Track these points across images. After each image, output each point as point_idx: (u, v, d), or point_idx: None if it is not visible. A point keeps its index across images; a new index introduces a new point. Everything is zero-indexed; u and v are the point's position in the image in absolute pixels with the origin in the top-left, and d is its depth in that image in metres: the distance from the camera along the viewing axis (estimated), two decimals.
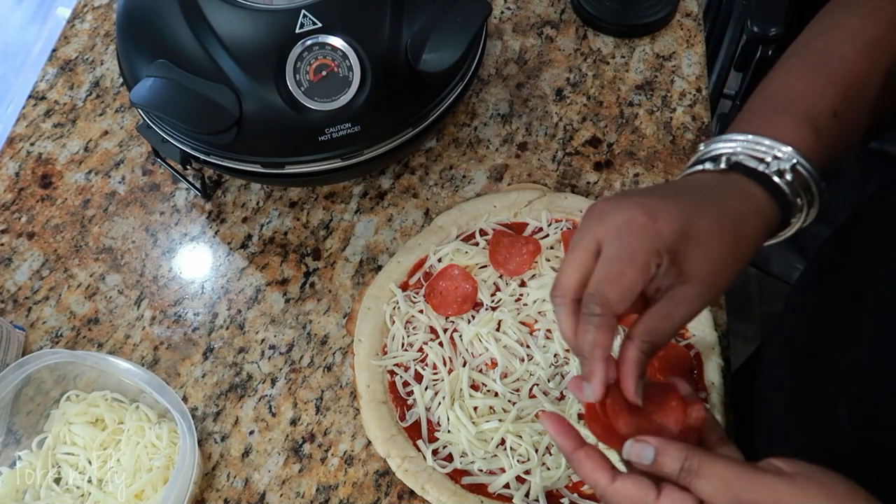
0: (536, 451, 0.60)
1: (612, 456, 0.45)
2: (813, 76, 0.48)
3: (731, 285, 0.45)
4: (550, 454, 0.60)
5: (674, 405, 0.44)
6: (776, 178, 0.45)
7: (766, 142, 0.45)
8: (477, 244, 0.70)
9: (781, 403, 0.58)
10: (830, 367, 0.51)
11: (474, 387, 0.63)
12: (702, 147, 0.48)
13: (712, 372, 0.63)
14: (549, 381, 0.63)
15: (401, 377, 0.64)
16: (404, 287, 0.68)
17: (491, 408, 0.62)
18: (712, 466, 0.39)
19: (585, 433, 0.48)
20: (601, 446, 0.44)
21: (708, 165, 0.46)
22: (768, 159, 0.45)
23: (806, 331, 0.56)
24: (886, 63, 0.48)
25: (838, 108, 0.47)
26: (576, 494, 0.59)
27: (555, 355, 0.64)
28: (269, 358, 0.68)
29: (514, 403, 0.62)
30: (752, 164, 0.45)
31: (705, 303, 0.44)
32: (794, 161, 0.45)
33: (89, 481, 0.61)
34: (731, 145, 0.46)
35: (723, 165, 0.45)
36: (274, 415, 0.65)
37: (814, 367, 0.53)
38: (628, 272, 0.42)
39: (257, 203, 0.76)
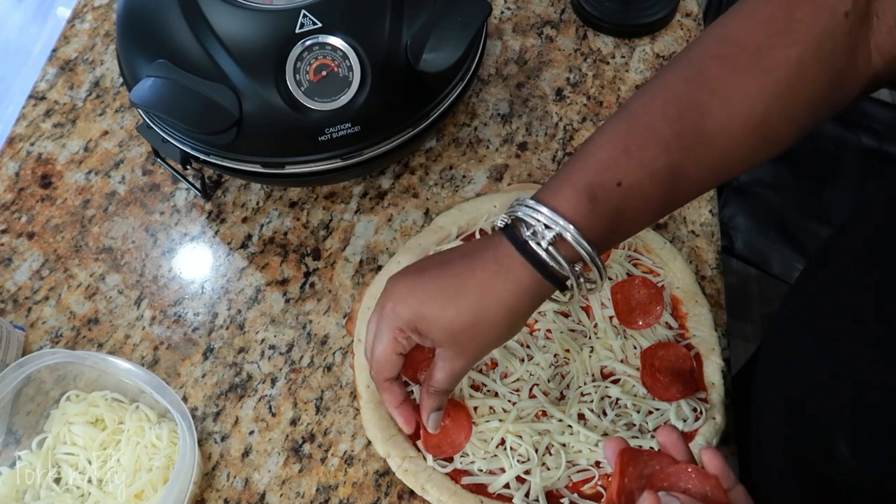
0: (536, 451, 0.60)
1: None
2: (613, 143, 0.48)
3: (502, 342, 0.51)
4: (550, 454, 0.60)
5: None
6: (534, 246, 0.46)
7: (544, 210, 0.46)
8: None
9: (779, 436, 0.57)
10: (827, 397, 0.51)
11: (474, 387, 0.63)
12: (513, 201, 0.50)
13: (712, 372, 0.63)
14: (549, 382, 0.63)
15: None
16: None
17: (491, 408, 0.62)
18: None
19: None
20: None
21: (499, 222, 0.50)
22: (538, 227, 0.46)
23: (803, 337, 0.56)
24: (701, 132, 0.47)
25: (625, 178, 0.46)
26: (576, 494, 0.59)
27: (555, 355, 0.64)
28: (269, 358, 0.68)
29: (514, 403, 0.62)
30: (521, 229, 0.47)
31: (465, 358, 0.51)
32: (557, 231, 0.46)
33: (89, 481, 0.61)
34: (520, 209, 0.48)
35: (500, 224, 0.49)
36: (274, 415, 0.65)
37: (811, 398, 0.53)
38: (380, 347, 0.53)
39: (257, 203, 0.76)
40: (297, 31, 0.61)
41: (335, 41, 0.61)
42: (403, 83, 0.64)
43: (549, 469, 0.60)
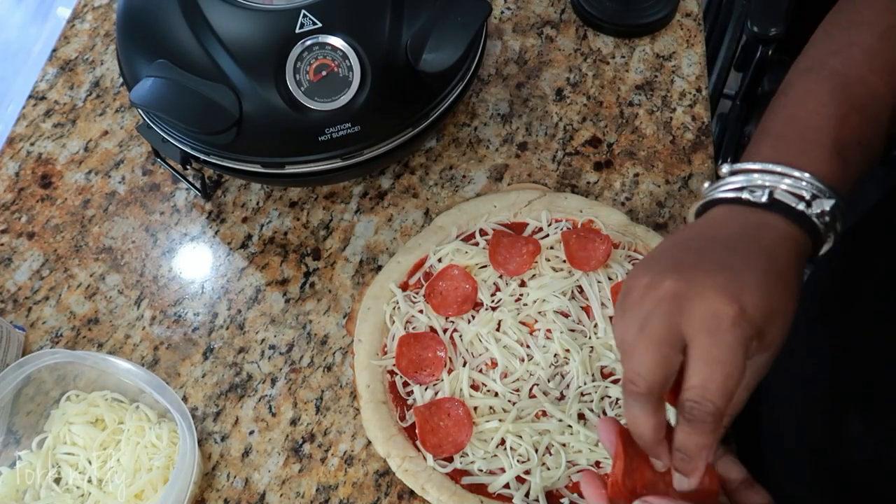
0: (536, 451, 0.60)
1: None
2: (836, 101, 0.46)
3: None
4: (550, 454, 0.60)
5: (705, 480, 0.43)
6: (815, 220, 0.43)
7: (806, 176, 0.43)
8: (477, 244, 0.70)
9: (791, 414, 0.57)
10: (840, 376, 0.50)
11: (474, 387, 0.63)
12: (725, 170, 0.45)
13: None
14: (549, 381, 0.63)
15: (401, 377, 0.64)
16: (404, 287, 0.68)
17: (491, 408, 0.62)
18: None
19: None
20: None
21: (746, 195, 0.43)
22: (807, 197, 0.43)
23: (814, 340, 0.56)
24: None
25: (863, 136, 0.45)
26: (576, 494, 0.59)
27: (555, 355, 0.64)
28: (269, 358, 0.68)
29: (514, 403, 0.62)
30: (793, 202, 0.43)
31: (771, 364, 0.43)
32: (834, 202, 0.43)
33: (89, 481, 0.61)
34: (765, 178, 0.43)
35: (764, 199, 0.43)
36: (274, 415, 0.65)
37: (822, 377, 0.53)
38: (733, 371, 0.39)
39: (257, 203, 0.76)
40: (297, 31, 0.61)
41: (335, 41, 0.61)
42: (403, 83, 0.64)
43: (549, 469, 0.60)
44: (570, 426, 0.61)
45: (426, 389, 0.63)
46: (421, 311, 0.67)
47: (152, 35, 0.64)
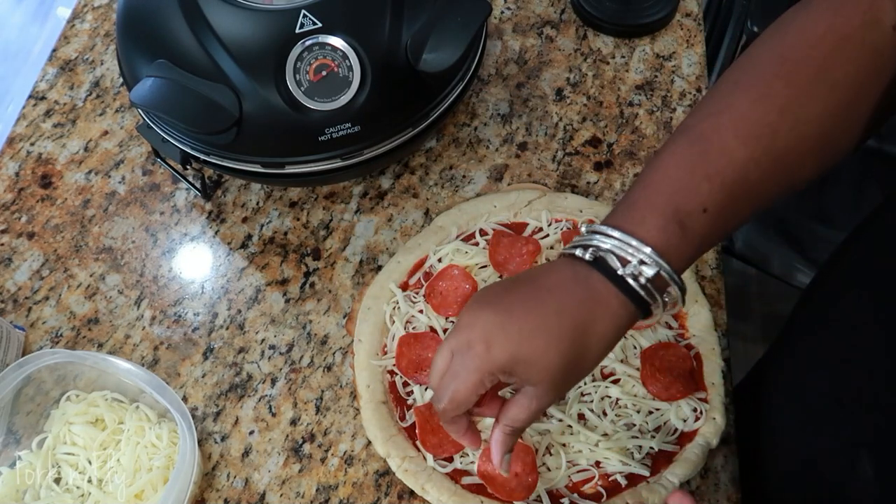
0: (536, 451, 0.60)
1: None
2: (690, 169, 0.47)
3: (582, 379, 0.50)
4: (550, 454, 0.60)
5: None
6: (632, 282, 0.46)
7: (634, 243, 0.46)
8: (477, 244, 0.70)
9: (794, 428, 0.57)
10: (848, 409, 0.50)
11: None
12: (583, 230, 0.49)
13: (712, 372, 0.63)
14: None
15: (401, 377, 0.64)
16: (404, 287, 0.68)
17: None
18: None
19: None
20: None
21: (578, 252, 0.47)
22: (633, 261, 0.46)
23: (818, 351, 0.56)
24: (774, 152, 0.47)
25: (710, 204, 0.46)
26: (576, 494, 0.59)
27: None
28: (269, 358, 0.68)
29: None
30: (615, 264, 0.46)
31: (556, 396, 0.48)
32: (657, 268, 0.45)
33: (89, 481, 0.61)
34: (606, 241, 0.47)
35: (587, 257, 0.47)
36: (274, 415, 0.65)
37: (830, 410, 0.52)
38: (461, 387, 0.47)
39: (257, 203, 0.76)
40: (297, 31, 0.61)
41: (335, 41, 0.61)
42: (403, 83, 0.64)
43: (549, 469, 0.60)
44: (570, 426, 0.61)
45: (426, 389, 0.63)
46: (421, 311, 0.67)
47: (152, 35, 0.64)
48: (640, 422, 0.61)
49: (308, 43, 0.61)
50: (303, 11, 0.61)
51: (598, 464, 0.60)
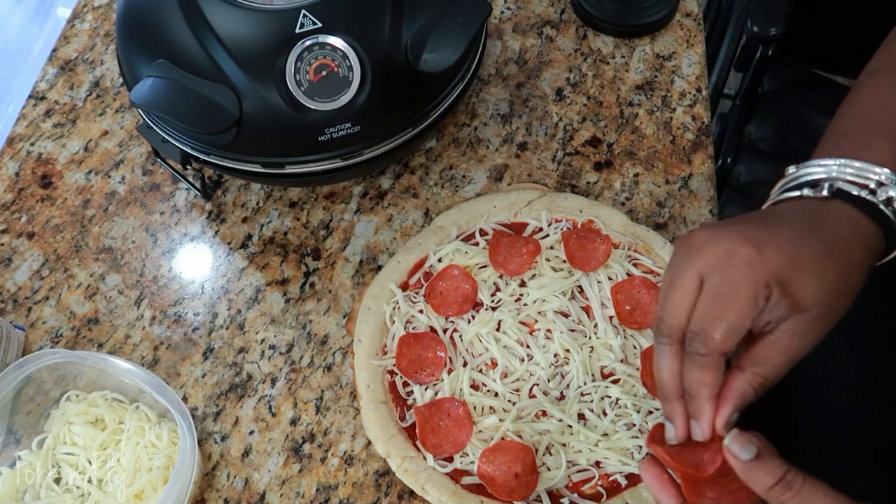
0: (536, 451, 0.60)
1: None
2: None
3: (840, 316, 0.42)
4: (550, 454, 0.60)
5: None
6: (882, 207, 0.42)
7: (866, 166, 0.42)
8: (477, 244, 0.70)
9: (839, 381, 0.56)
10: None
11: (474, 387, 0.63)
12: (791, 170, 0.45)
13: None
14: (549, 381, 0.63)
15: (401, 377, 0.64)
16: (404, 287, 0.68)
17: (491, 408, 0.62)
18: (813, 489, 0.38)
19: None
20: None
21: (807, 192, 0.43)
22: (872, 185, 0.42)
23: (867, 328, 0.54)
24: None
25: None
26: (576, 494, 0.59)
27: (555, 355, 0.64)
28: (269, 358, 0.68)
29: (514, 403, 0.62)
30: (856, 191, 0.42)
31: (821, 334, 0.41)
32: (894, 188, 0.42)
33: (89, 481, 0.61)
34: (828, 170, 0.43)
35: (825, 192, 0.42)
36: (274, 415, 0.65)
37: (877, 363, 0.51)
38: (734, 308, 0.39)
39: (257, 203, 0.76)
40: (297, 31, 0.61)
41: (335, 41, 0.61)
42: (403, 83, 0.64)
43: (549, 469, 0.60)
44: (570, 426, 0.61)
45: (426, 389, 0.63)
46: (421, 311, 0.67)
47: (152, 35, 0.64)
48: (640, 422, 0.61)
49: (308, 43, 0.61)
50: (303, 11, 0.61)
51: (598, 464, 0.60)
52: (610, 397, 0.63)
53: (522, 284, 0.68)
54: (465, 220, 0.72)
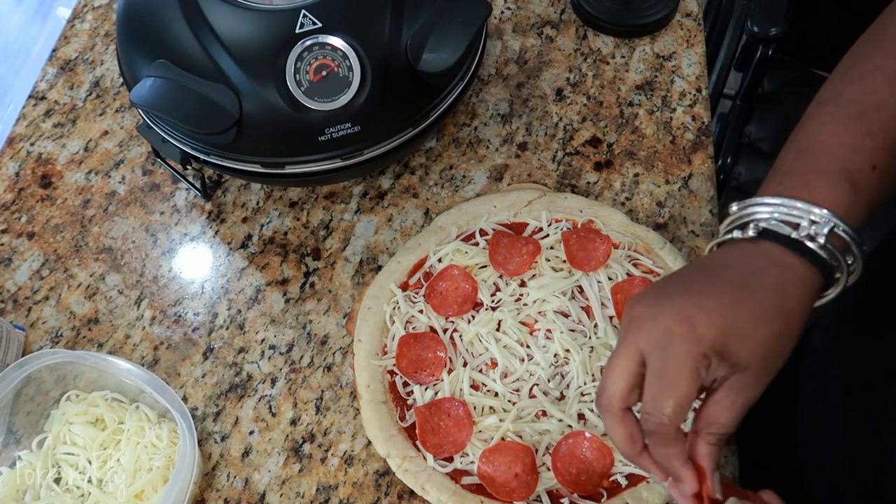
0: (536, 451, 0.60)
1: None
2: (850, 129, 0.45)
3: (782, 363, 0.44)
4: (550, 454, 0.60)
5: None
6: (810, 244, 0.43)
7: (800, 205, 0.43)
8: (477, 244, 0.70)
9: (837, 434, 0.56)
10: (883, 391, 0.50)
11: (474, 387, 0.63)
12: (734, 209, 0.46)
13: None
14: (549, 381, 0.63)
15: (401, 377, 0.64)
16: (404, 287, 0.68)
17: (491, 408, 0.62)
18: None
19: None
20: None
21: (736, 234, 0.44)
22: (803, 223, 0.43)
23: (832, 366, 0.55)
24: None
25: (877, 161, 0.44)
26: (576, 494, 0.59)
27: (555, 355, 0.64)
28: (269, 358, 0.68)
29: (514, 403, 0.62)
30: (785, 230, 0.43)
31: (764, 384, 0.43)
32: (832, 224, 0.43)
33: (89, 481, 0.61)
34: (765, 210, 0.44)
35: (750, 233, 0.43)
36: (274, 415, 0.65)
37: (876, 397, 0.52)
38: (679, 385, 0.41)
39: (257, 203, 0.76)
40: (297, 31, 0.61)
41: (335, 41, 0.61)
42: (403, 83, 0.64)
43: (549, 469, 0.60)
44: (570, 426, 0.61)
45: (426, 389, 0.63)
46: (421, 311, 0.67)
47: (152, 35, 0.64)
48: None
49: (308, 43, 0.61)
50: (303, 11, 0.61)
51: None
52: None
53: (522, 284, 0.68)
54: (465, 220, 0.72)
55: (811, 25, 1.14)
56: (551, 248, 0.69)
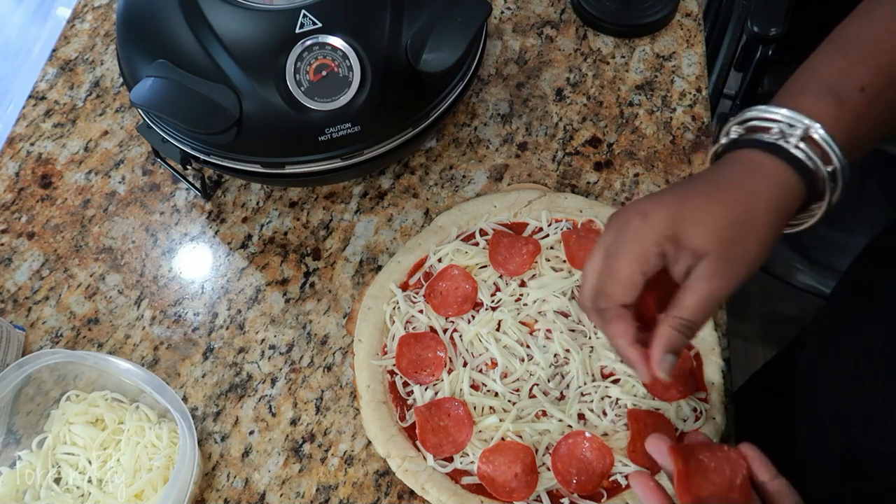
0: (536, 451, 0.60)
1: None
2: (841, 56, 0.46)
3: (760, 263, 0.44)
4: (550, 454, 0.60)
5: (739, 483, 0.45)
6: (782, 143, 0.43)
7: (782, 111, 0.44)
8: (477, 244, 0.70)
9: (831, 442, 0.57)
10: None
11: (474, 387, 0.63)
12: (739, 115, 0.47)
13: (712, 372, 0.63)
14: (549, 381, 0.63)
15: (401, 377, 0.64)
16: (404, 287, 0.68)
17: (491, 408, 0.62)
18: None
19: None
20: None
21: (723, 139, 0.46)
22: (776, 128, 0.44)
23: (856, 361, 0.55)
24: None
25: (867, 84, 0.45)
26: (576, 494, 0.59)
27: (555, 355, 0.64)
28: (269, 358, 0.68)
29: (514, 403, 0.62)
30: (758, 135, 0.44)
31: (728, 276, 0.44)
32: (805, 126, 0.43)
33: (89, 481, 0.61)
34: (741, 124, 0.45)
35: (723, 140, 0.45)
36: (274, 415, 0.65)
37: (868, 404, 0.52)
38: (625, 265, 0.45)
39: (257, 203, 0.76)
40: (297, 31, 0.61)
41: (335, 41, 0.61)
42: (403, 83, 0.64)
43: (549, 469, 0.60)
44: (570, 426, 0.61)
45: (426, 389, 0.63)
46: (421, 311, 0.67)
47: (152, 35, 0.64)
48: None
49: (308, 43, 0.61)
50: (303, 11, 0.61)
51: None
52: (610, 397, 0.63)
53: (522, 284, 0.68)
54: (465, 220, 0.72)
55: (811, 25, 1.14)
56: (551, 248, 0.69)
